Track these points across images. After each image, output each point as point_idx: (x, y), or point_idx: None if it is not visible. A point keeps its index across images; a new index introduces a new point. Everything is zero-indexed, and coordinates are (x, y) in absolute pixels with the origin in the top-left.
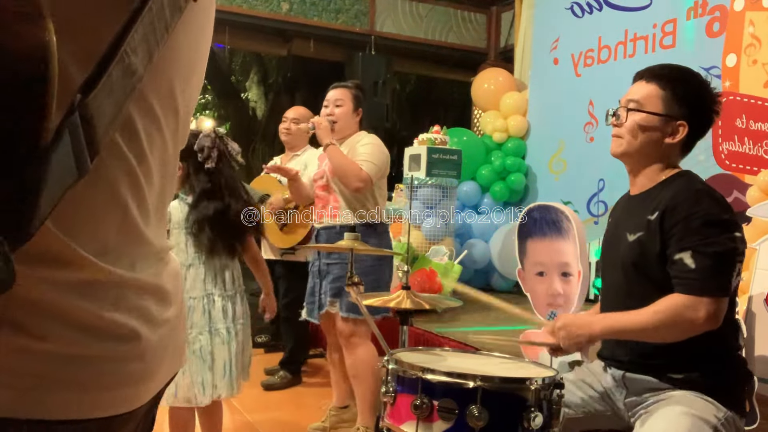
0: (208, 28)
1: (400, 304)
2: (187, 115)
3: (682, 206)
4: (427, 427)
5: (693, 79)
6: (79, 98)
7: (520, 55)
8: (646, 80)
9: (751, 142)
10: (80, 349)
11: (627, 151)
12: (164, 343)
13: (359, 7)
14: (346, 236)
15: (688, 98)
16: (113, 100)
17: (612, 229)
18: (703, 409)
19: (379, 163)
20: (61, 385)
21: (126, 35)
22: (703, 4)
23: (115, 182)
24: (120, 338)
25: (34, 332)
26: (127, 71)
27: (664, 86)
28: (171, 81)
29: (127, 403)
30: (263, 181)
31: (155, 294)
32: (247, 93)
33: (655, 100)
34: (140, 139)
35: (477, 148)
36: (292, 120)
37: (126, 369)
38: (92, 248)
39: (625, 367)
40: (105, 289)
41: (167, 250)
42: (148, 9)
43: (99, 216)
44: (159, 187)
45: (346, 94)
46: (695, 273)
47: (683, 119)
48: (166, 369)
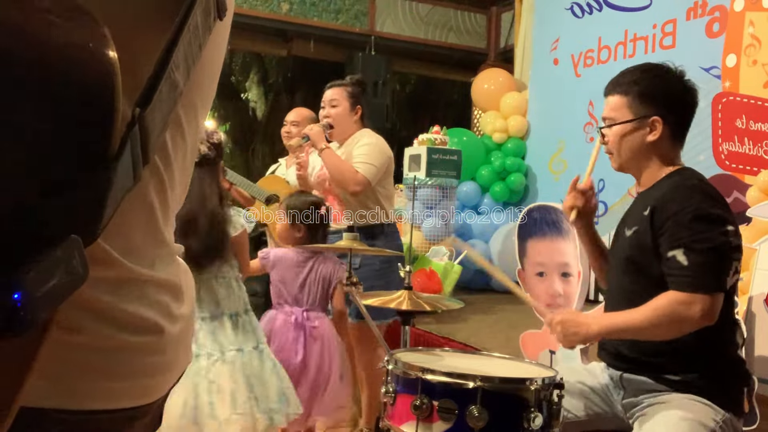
0: (225, 41)
1: (401, 304)
2: (203, 125)
3: (672, 202)
4: (427, 427)
5: (652, 73)
6: (138, 112)
7: (520, 55)
8: (610, 93)
9: (751, 143)
10: (111, 341)
11: (621, 164)
12: (180, 337)
13: (359, 7)
14: (344, 236)
15: (651, 94)
16: (162, 113)
17: (616, 229)
18: (702, 413)
19: (378, 164)
20: (93, 376)
21: (172, 53)
22: (703, 4)
23: (146, 186)
24: (146, 331)
25: (67, 325)
26: (172, 87)
27: (625, 92)
28: (196, 93)
29: (150, 393)
30: (271, 180)
31: (171, 290)
32: (247, 93)
33: (622, 109)
34: (167, 146)
35: (477, 148)
36: (291, 123)
37: (150, 360)
38: (120, 248)
39: (623, 368)
40: (130, 286)
41: (178, 251)
42: (187, 29)
43: (128, 217)
44: (179, 192)
45: (341, 92)
46: (688, 270)
47: (655, 114)
48: (180, 364)
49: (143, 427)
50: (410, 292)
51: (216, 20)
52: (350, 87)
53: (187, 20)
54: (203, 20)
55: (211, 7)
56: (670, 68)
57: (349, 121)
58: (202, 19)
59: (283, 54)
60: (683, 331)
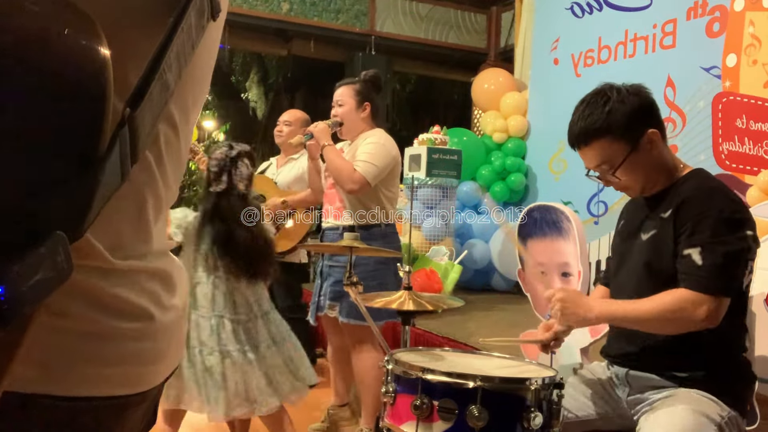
0: (218, 42)
1: (401, 305)
2: (195, 123)
3: (695, 203)
4: (427, 427)
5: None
6: (128, 112)
7: (520, 55)
8: (586, 143)
9: (751, 142)
10: (100, 326)
11: (643, 187)
12: (172, 328)
13: (359, 7)
14: (345, 236)
15: (624, 121)
16: (152, 113)
17: (623, 229)
18: (707, 407)
19: (380, 164)
20: (83, 362)
21: (164, 54)
22: (703, 4)
23: (137, 183)
24: (136, 317)
25: (55, 310)
26: (164, 87)
27: (605, 131)
28: (188, 93)
29: (141, 382)
30: (259, 181)
31: (163, 279)
32: (247, 93)
33: (612, 147)
34: (160, 144)
35: (477, 148)
36: (284, 123)
37: (141, 347)
38: (108, 243)
39: (628, 365)
40: (119, 274)
41: (169, 246)
42: (180, 29)
43: (118, 214)
44: (173, 188)
45: (347, 91)
46: (702, 270)
47: (644, 129)
48: (172, 356)
49: (135, 418)
50: (410, 292)
51: (209, 21)
52: (358, 85)
53: (181, 21)
54: (197, 20)
55: (205, 8)
56: (611, 88)
57: (356, 119)
58: (196, 20)
59: (283, 54)
60: (684, 329)
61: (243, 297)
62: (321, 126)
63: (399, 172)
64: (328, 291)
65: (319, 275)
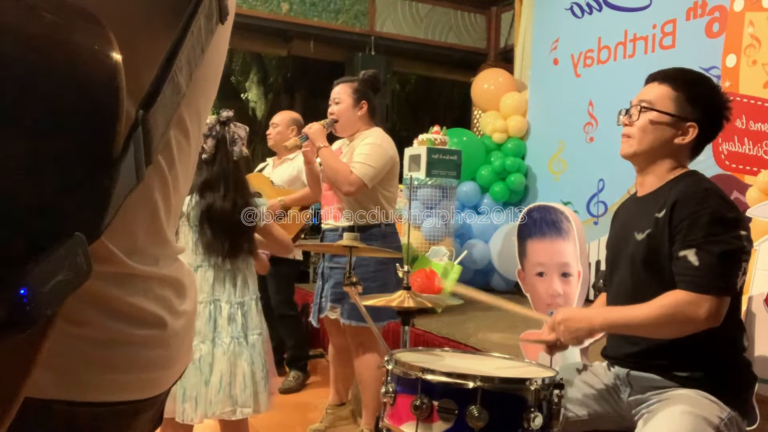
0: (226, 45)
1: (401, 304)
2: (204, 125)
3: (689, 203)
4: (426, 427)
5: (705, 83)
6: (141, 114)
7: (520, 55)
8: (659, 82)
9: (751, 143)
10: (116, 334)
11: (637, 151)
12: (183, 333)
13: (359, 7)
14: (345, 236)
15: (700, 101)
16: (165, 115)
17: (618, 231)
18: (707, 409)
19: (377, 165)
20: (99, 368)
21: (175, 56)
22: (702, 5)
23: (150, 186)
24: (150, 324)
25: (73, 318)
26: (175, 89)
27: (677, 88)
28: (199, 96)
29: (154, 387)
30: (256, 177)
31: (174, 286)
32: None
33: (667, 101)
34: (171, 148)
35: (477, 148)
36: (272, 125)
37: (154, 354)
38: (123, 247)
39: (629, 365)
40: (134, 281)
41: (181, 251)
42: (190, 33)
43: (132, 217)
44: (183, 192)
45: (344, 89)
46: (699, 270)
47: (694, 121)
48: (183, 359)
49: (146, 421)
50: (409, 292)
51: (218, 24)
52: (356, 83)
53: (190, 24)
54: (206, 24)
55: (214, 11)
56: (719, 86)
57: (353, 116)
58: (205, 23)
59: (283, 54)
60: (686, 331)
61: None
62: (316, 127)
63: (398, 172)
64: (330, 293)
65: (320, 277)
